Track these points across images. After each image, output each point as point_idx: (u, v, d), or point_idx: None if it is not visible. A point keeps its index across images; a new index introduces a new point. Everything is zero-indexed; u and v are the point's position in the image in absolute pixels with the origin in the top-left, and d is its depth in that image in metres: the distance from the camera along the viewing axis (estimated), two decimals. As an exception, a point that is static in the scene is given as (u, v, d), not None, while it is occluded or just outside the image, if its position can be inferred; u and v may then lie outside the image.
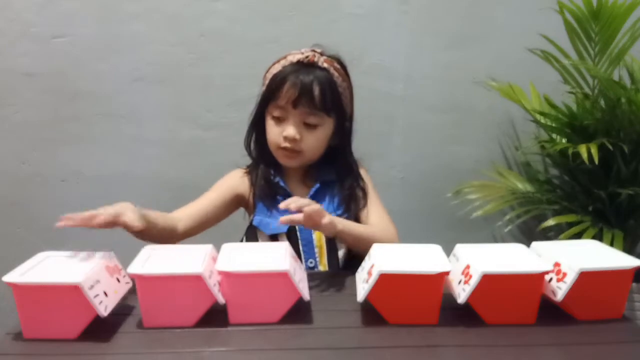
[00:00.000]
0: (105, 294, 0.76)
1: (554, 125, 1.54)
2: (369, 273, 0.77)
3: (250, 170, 1.15)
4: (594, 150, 1.33)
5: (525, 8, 1.70)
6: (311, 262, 1.08)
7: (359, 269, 0.86)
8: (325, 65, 1.05)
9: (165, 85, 1.70)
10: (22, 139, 1.71)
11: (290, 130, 1.04)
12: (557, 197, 1.60)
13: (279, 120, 1.06)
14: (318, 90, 1.02)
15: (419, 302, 0.77)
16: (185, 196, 1.85)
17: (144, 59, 1.68)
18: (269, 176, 1.11)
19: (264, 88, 1.08)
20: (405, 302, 0.76)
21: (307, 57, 1.04)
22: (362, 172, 1.18)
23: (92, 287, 0.73)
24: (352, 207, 1.11)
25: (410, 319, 0.77)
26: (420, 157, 1.80)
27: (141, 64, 1.68)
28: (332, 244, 1.08)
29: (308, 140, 1.06)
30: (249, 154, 1.16)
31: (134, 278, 0.76)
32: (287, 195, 1.10)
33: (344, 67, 1.09)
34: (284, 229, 1.08)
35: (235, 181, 1.15)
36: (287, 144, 1.05)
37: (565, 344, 0.73)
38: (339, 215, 1.07)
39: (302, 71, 1.03)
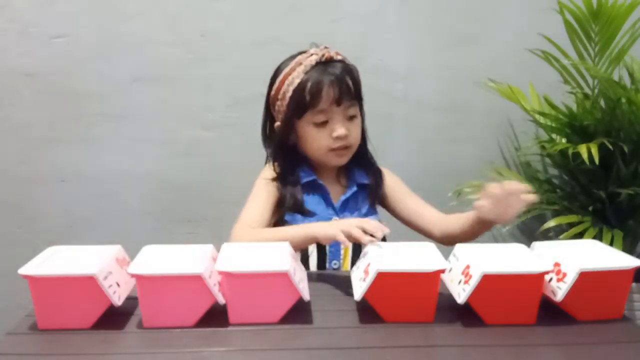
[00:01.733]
0: (118, 284, 0.78)
1: (553, 125, 1.54)
2: (366, 272, 0.77)
3: (278, 179, 1.10)
4: (594, 151, 1.33)
5: (525, 8, 1.70)
6: (335, 264, 1.08)
7: (354, 268, 0.86)
8: (339, 57, 1.06)
9: (165, 85, 1.70)
10: (22, 139, 1.71)
11: (340, 129, 1.04)
12: (557, 197, 1.60)
13: (321, 124, 1.04)
14: (350, 80, 1.03)
15: (416, 300, 0.77)
16: (185, 196, 1.85)
17: (144, 59, 1.68)
18: (298, 189, 1.08)
19: (284, 101, 1.05)
20: (402, 300, 0.77)
21: (323, 55, 1.04)
22: (386, 171, 1.18)
23: (106, 277, 0.75)
24: (377, 209, 1.14)
25: (407, 317, 0.77)
26: (420, 157, 1.80)
27: (141, 64, 1.68)
28: (357, 246, 1.05)
29: (353, 131, 1.07)
30: (278, 170, 1.11)
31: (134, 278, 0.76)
32: (325, 193, 1.10)
33: None
34: None
35: (271, 189, 1.10)
36: (339, 144, 1.05)
37: (565, 344, 0.73)
38: (368, 217, 1.07)
39: (329, 69, 1.03)
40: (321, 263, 1.08)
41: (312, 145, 1.07)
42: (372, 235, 0.85)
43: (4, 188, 1.73)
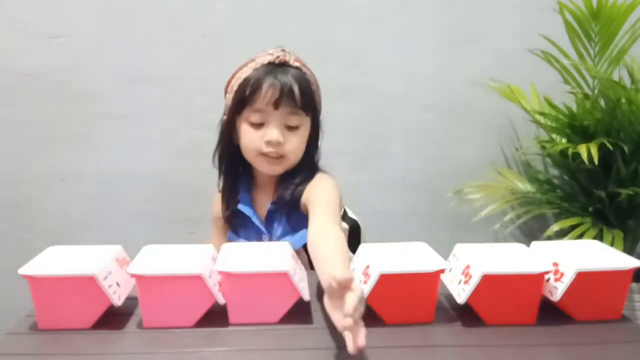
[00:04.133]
0: (118, 284, 0.78)
1: (554, 125, 1.54)
2: (366, 274, 0.77)
3: (222, 192, 1.11)
4: (594, 151, 1.33)
5: (525, 8, 1.70)
6: None
7: None
8: (296, 64, 1.01)
9: (165, 85, 1.70)
10: (22, 139, 1.71)
11: (273, 133, 0.98)
12: (557, 198, 1.60)
13: (257, 125, 1.00)
14: (297, 88, 0.98)
15: (417, 301, 0.77)
16: (185, 196, 1.85)
17: (144, 59, 1.68)
18: (231, 200, 1.09)
19: (231, 95, 1.03)
20: (403, 302, 0.76)
21: (277, 57, 1.00)
22: (325, 180, 1.04)
23: (106, 277, 0.75)
24: (304, 220, 0.98)
25: (407, 317, 0.77)
26: (420, 157, 1.80)
27: (141, 64, 1.68)
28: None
29: (291, 142, 1.01)
30: (219, 169, 1.10)
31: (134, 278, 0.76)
32: (250, 214, 1.07)
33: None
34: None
35: (220, 210, 1.13)
36: (270, 149, 1.00)
37: (565, 344, 0.73)
38: (290, 235, 1.03)
39: (278, 71, 0.98)
40: None
41: (246, 146, 1.02)
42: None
43: (4, 188, 1.73)
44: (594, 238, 1.26)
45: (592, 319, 0.78)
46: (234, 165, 1.09)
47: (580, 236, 1.36)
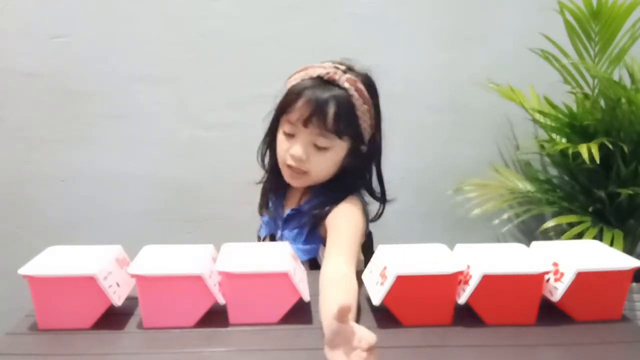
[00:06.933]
0: (118, 284, 0.78)
1: (553, 125, 1.54)
2: (383, 275, 0.77)
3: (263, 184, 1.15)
4: (595, 150, 1.33)
5: (525, 8, 1.70)
6: None
7: (366, 272, 0.85)
8: (346, 85, 0.96)
9: (165, 85, 1.70)
10: (22, 139, 1.71)
11: (296, 149, 0.97)
12: (557, 197, 1.60)
13: (289, 136, 0.99)
14: (332, 111, 0.94)
15: (434, 303, 0.77)
16: (185, 196, 1.85)
17: (144, 59, 1.68)
18: (266, 193, 1.13)
19: (281, 98, 1.01)
20: (421, 303, 0.76)
21: (327, 72, 0.96)
22: (352, 209, 0.99)
23: (106, 277, 0.75)
24: (318, 238, 1.02)
25: (425, 320, 0.77)
26: (420, 157, 1.80)
27: (141, 64, 1.68)
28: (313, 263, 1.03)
29: (315, 162, 0.98)
30: (262, 165, 1.11)
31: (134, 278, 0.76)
32: (281, 206, 1.10)
33: (370, 86, 1.03)
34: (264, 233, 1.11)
35: None
36: (293, 163, 0.98)
37: (565, 344, 0.73)
38: (308, 241, 1.02)
39: (319, 88, 0.95)
40: None
41: (278, 153, 1.02)
42: None
43: (4, 188, 1.73)
44: (594, 238, 1.26)
45: (592, 319, 0.78)
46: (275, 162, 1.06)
47: (579, 236, 1.36)
